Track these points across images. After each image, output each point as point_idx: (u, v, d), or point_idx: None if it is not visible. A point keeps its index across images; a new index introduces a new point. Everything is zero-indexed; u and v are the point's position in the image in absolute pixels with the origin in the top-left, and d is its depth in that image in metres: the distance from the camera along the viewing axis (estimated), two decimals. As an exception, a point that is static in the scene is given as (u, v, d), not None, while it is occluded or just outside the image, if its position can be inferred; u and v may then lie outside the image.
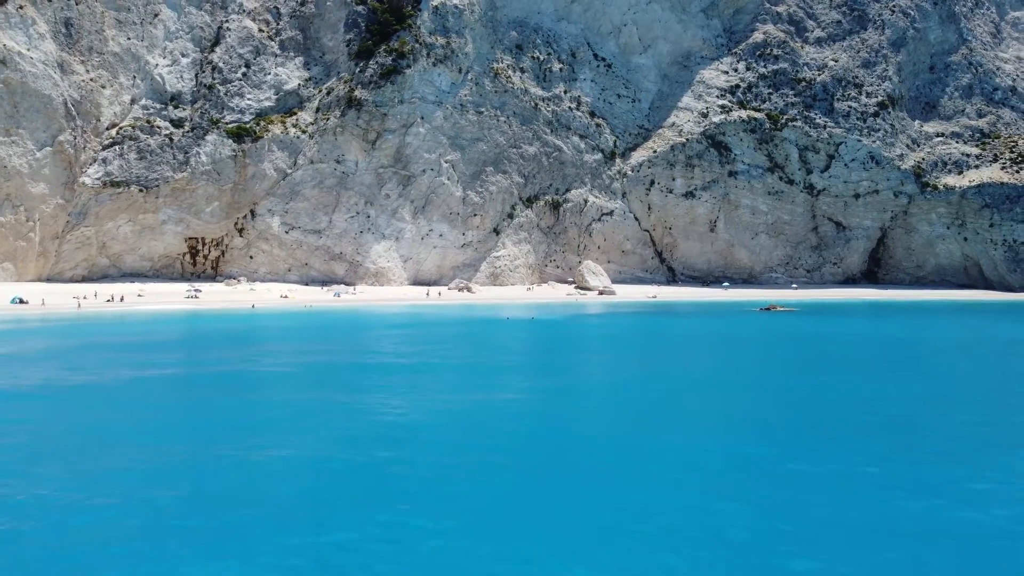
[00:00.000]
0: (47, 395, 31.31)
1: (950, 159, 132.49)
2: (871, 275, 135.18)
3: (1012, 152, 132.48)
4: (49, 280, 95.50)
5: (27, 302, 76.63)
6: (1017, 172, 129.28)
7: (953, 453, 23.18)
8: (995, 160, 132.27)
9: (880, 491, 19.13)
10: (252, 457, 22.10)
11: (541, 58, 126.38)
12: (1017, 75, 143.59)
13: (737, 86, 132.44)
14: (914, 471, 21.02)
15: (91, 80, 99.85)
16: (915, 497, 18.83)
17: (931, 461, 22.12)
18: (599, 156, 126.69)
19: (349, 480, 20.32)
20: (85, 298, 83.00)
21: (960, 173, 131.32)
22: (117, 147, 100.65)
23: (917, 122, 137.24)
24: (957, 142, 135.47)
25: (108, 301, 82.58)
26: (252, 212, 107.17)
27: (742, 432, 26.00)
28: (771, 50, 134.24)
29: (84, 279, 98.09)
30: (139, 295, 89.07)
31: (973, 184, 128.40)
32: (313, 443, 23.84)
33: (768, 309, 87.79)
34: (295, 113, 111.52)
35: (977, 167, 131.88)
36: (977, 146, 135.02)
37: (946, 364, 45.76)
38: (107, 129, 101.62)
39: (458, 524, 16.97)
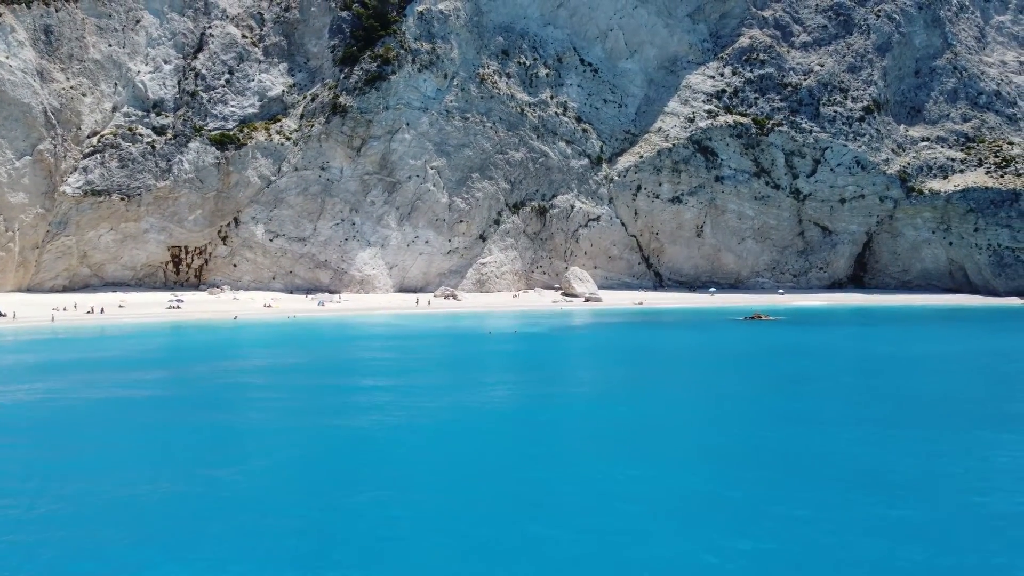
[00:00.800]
0: None
1: (935, 163, 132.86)
2: (857, 279, 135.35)
3: (997, 156, 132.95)
4: (29, 290, 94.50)
5: (5, 315, 75.74)
6: (1002, 176, 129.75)
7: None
8: (980, 164, 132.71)
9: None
10: (198, 496, 21.68)
11: (527, 63, 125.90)
12: (1002, 79, 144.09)
13: (723, 91, 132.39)
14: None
15: (71, 88, 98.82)
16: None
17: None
18: (585, 161, 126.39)
19: (307, 526, 19.93)
20: (64, 309, 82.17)
21: (945, 177, 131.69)
22: (98, 155, 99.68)
23: (903, 127, 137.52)
24: (942, 146, 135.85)
25: (88, 312, 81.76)
26: (236, 220, 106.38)
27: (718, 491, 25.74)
28: (757, 55, 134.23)
29: (65, 289, 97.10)
30: (120, 305, 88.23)
31: (958, 188, 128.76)
32: (268, 487, 23.43)
33: (753, 318, 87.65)
34: (279, 120, 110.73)
35: (962, 171, 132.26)
36: (962, 150, 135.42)
37: (930, 385, 45.70)
38: (88, 137, 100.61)
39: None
